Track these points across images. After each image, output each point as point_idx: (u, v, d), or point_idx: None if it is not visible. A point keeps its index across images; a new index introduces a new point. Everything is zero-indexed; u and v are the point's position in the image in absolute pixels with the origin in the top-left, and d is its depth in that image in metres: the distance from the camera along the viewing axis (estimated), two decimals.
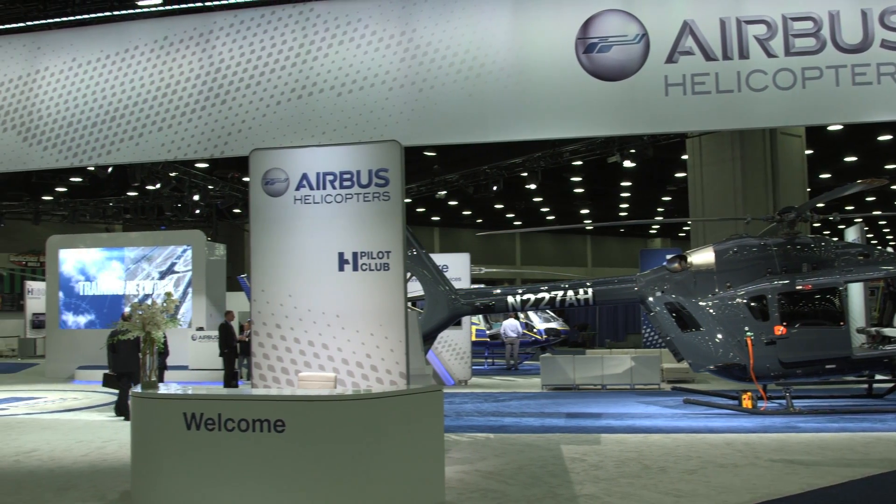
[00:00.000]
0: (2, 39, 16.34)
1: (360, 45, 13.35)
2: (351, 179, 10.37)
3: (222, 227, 43.32)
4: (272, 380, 10.42)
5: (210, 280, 25.74)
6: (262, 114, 13.78)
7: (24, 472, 10.85)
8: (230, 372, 20.47)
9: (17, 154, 15.52)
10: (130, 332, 9.83)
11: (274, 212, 10.62)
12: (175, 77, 14.62)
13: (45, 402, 19.14)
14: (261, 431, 8.29)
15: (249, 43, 14.16)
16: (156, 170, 30.22)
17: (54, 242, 27.47)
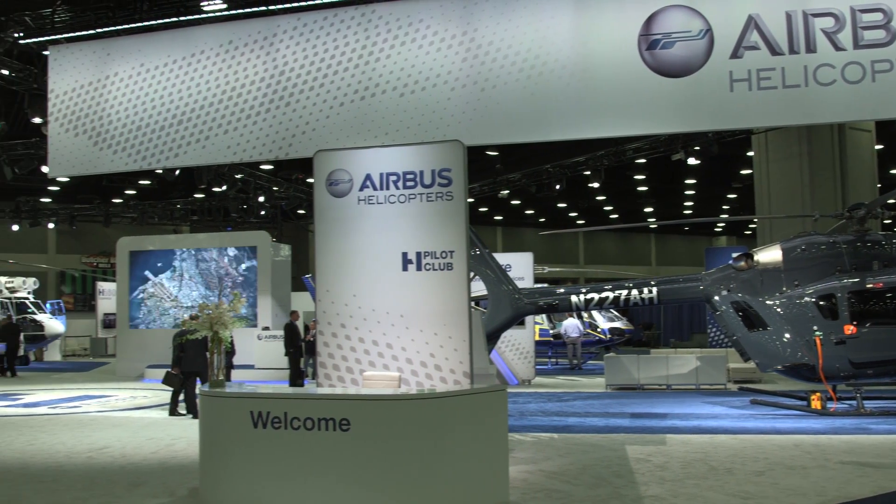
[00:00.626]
0: (73, 47, 16.71)
1: (422, 45, 13.39)
2: (414, 180, 10.40)
3: (287, 227, 43.78)
4: (337, 379, 10.50)
5: (275, 280, 26.04)
6: (325, 115, 13.90)
7: (96, 469, 11.08)
8: (295, 371, 20.69)
9: (88, 158, 15.87)
10: (198, 331, 9.99)
11: (338, 212, 10.69)
12: (240, 80, 14.81)
13: (115, 400, 19.54)
14: (326, 430, 8.36)
15: (312, 45, 14.29)
16: (222, 172, 30.67)
17: (124, 244, 28.02)
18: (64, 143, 16.20)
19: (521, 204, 48.29)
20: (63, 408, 18.22)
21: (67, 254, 47.12)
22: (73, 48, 16.80)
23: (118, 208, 42.15)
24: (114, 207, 42.02)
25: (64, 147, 16.22)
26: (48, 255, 46.55)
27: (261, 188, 35.34)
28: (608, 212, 53.36)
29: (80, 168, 16.50)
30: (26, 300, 32.78)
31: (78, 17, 17.35)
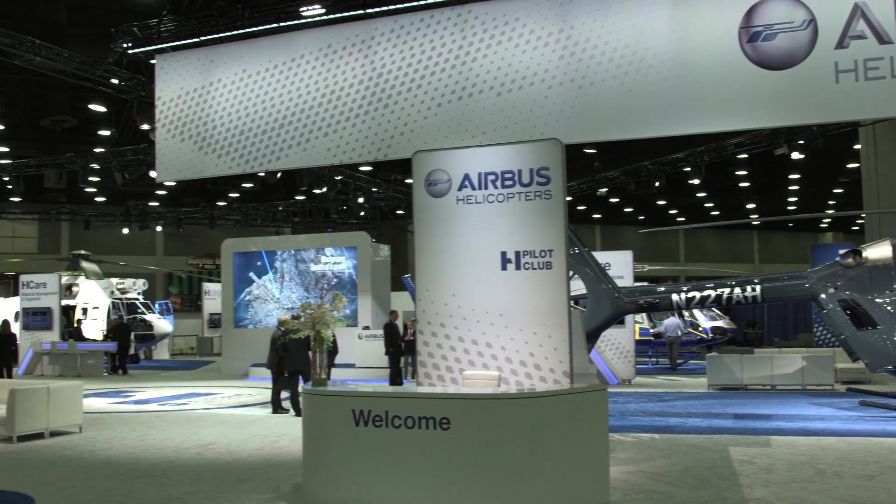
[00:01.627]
0: (179, 55, 17.20)
1: (519, 44, 13.38)
2: (512, 179, 10.38)
3: (386, 228, 44.24)
4: (437, 378, 10.56)
5: (375, 280, 26.31)
6: (423, 116, 14.01)
7: (203, 464, 11.37)
8: (395, 370, 20.89)
9: (194, 162, 16.32)
10: (301, 331, 10.16)
11: (437, 212, 10.75)
12: (339, 83, 15.03)
13: (221, 398, 20.00)
14: (426, 429, 8.41)
15: (410, 47, 14.41)
16: (322, 174, 31.17)
17: (228, 245, 28.67)
18: (171, 149, 16.69)
19: (620, 201, 47.81)
20: (171, 405, 18.73)
21: (174, 256, 48.51)
22: (178, 56, 17.30)
23: (222, 211, 43.23)
24: (218, 210, 43.12)
25: (171, 152, 16.71)
26: (156, 258, 48.01)
27: (360, 189, 35.78)
28: (709, 208, 52.40)
29: (186, 172, 16.98)
30: (136, 301, 33.83)
31: (183, 27, 17.84)
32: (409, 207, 36.45)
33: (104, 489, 9.79)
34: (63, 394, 14.18)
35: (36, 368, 28.46)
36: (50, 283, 30.33)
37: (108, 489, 9.78)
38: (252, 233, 38.09)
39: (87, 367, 27.75)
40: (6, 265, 43.58)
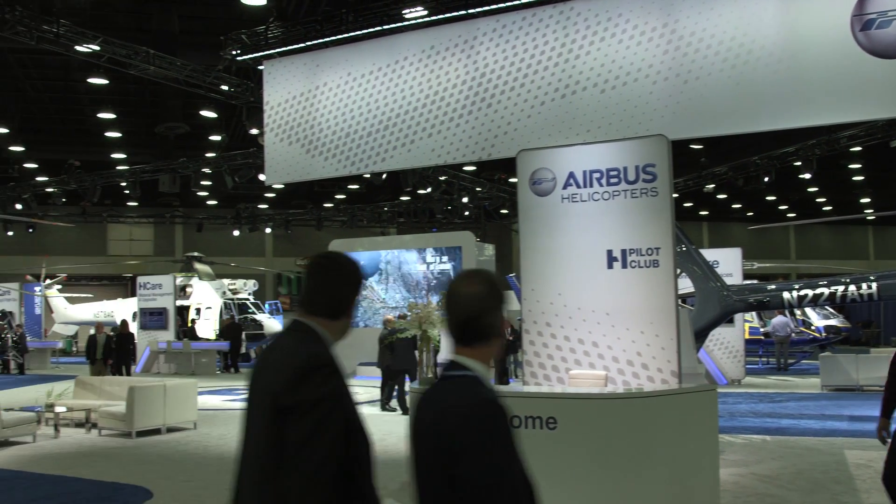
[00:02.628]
0: (285, 60, 17.58)
1: (622, 39, 13.24)
2: (618, 176, 10.28)
3: (490, 227, 44.30)
4: (542, 377, 10.54)
5: None
6: (526, 115, 14.00)
7: None
8: (501, 369, 20.91)
9: (301, 165, 16.65)
10: (408, 330, 10.27)
11: (541, 211, 10.72)
12: (442, 84, 15.13)
13: None
14: (533, 428, 8.41)
15: (512, 46, 14.41)
16: (427, 174, 31.39)
17: (335, 246, 29.12)
18: (279, 152, 17.07)
19: (728, 198, 46.81)
20: None
21: (283, 257, 49.51)
22: (285, 62, 17.67)
23: (329, 212, 43.96)
24: (325, 212, 43.86)
25: (279, 155, 17.09)
26: (266, 259, 49.10)
27: (464, 189, 35.91)
28: (821, 203, 50.90)
29: (294, 175, 17.35)
30: (247, 301, 34.65)
31: (289, 32, 18.20)
32: (513, 206, 36.43)
33: (218, 483, 10.06)
34: (179, 391, 14.65)
35: (153, 367, 29.42)
36: (165, 284, 31.33)
37: (221, 483, 10.05)
38: (358, 234, 38.62)
39: (201, 366, 28.56)
40: (124, 267, 45.25)
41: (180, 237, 48.74)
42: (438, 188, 34.62)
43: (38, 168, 38.30)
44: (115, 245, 48.26)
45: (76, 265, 41.80)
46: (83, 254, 45.88)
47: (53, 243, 45.20)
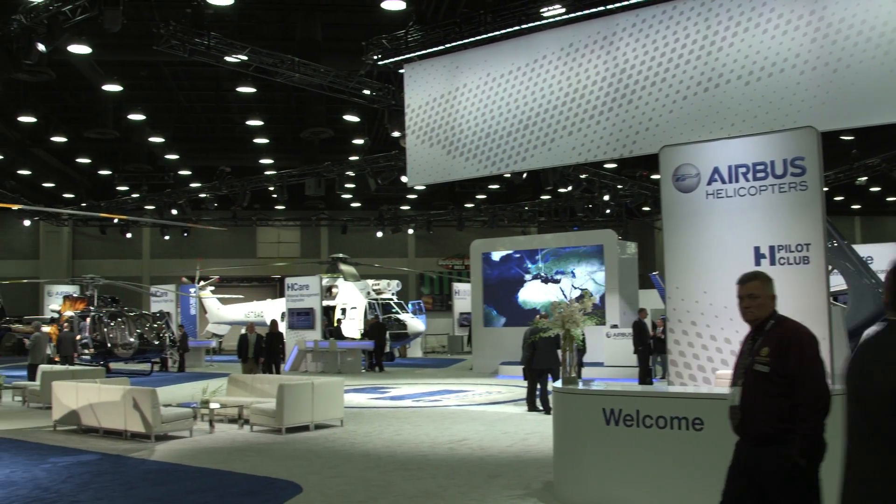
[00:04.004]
0: (425, 63, 17.78)
1: (767, 29, 12.84)
2: (765, 170, 9.95)
3: (632, 225, 43.69)
4: (688, 378, 10.32)
5: (622, 278, 26.02)
6: (668, 110, 13.75)
7: (457, 459, 11.65)
8: (644, 369, 20.57)
9: (442, 166, 16.81)
10: (551, 329, 10.21)
11: (686, 208, 10.48)
12: (582, 81, 15.02)
13: (472, 395, 20.41)
14: (678, 429, 8.23)
15: (652, 41, 14.18)
16: (567, 173, 31.18)
17: (477, 246, 29.25)
18: (420, 154, 17.28)
19: (882, 190, 44.72)
20: (425, 401, 19.32)
21: (425, 257, 50.08)
22: (425, 64, 17.88)
23: (470, 212, 44.21)
24: (466, 212, 44.14)
25: (420, 157, 17.30)
26: (408, 259, 49.76)
27: (605, 187, 35.53)
28: None
29: (435, 176, 17.54)
30: (391, 301, 35.17)
31: (428, 35, 18.39)
32: (655, 204, 35.85)
33: (365, 479, 10.25)
34: (326, 389, 14.99)
35: (300, 365, 30.21)
36: (312, 285, 32.14)
37: (368, 480, 10.24)
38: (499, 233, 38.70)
39: (347, 365, 29.15)
40: (272, 269, 46.67)
41: (326, 239, 49.95)
42: (579, 186, 34.35)
43: (191, 175, 40.02)
44: (263, 247, 49.89)
45: (228, 267, 43.37)
46: (234, 256, 47.61)
47: (206, 246, 47.06)
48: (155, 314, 30.96)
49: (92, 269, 39.83)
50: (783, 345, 5.02)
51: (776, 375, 4.99)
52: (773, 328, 5.17)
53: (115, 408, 13.60)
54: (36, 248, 48.35)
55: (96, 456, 11.99)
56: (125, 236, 46.39)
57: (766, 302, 5.29)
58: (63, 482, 10.17)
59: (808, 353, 4.94)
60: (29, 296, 42.38)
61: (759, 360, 5.07)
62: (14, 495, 9.45)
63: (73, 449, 12.64)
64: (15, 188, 38.73)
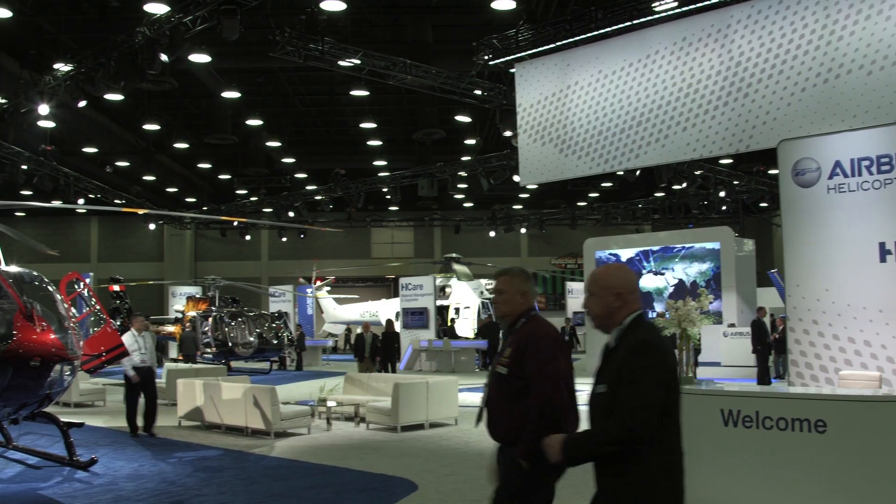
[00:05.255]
0: (536, 62, 17.75)
1: (890, 17, 12.38)
2: (889, 163, 9.61)
3: (749, 221, 42.64)
4: (810, 378, 10.04)
5: (739, 276, 25.42)
6: (786, 103, 13.39)
7: None
8: (763, 369, 20.08)
9: (555, 165, 16.76)
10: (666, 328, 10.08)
11: (806, 203, 10.20)
12: (696, 76, 14.76)
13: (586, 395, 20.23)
14: (800, 431, 8.00)
15: (769, 32, 13.84)
16: (681, 169, 30.67)
17: (590, 245, 29.03)
18: (532, 153, 17.26)
19: None
20: None
21: (538, 256, 49.96)
22: (536, 63, 17.85)
23: (583, 211, 43.91)
24: (578, 210, 43.86)
25: (532, 156, 17.28)
26: (521, 258, 49.72)
27: (721, 183, 34.79)
28: None
29: (547, 175, 17.48)
30: None
31: (539, 34, 18.33)
32: (773, 199, 34.92)
33: (479, 478, 10.28)
34: (440, 388, 15.11)
35: (415, 364, 30.50)
36: (426, 284, 32.43)
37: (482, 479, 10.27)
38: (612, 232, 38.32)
39: (461, 364, 29.30)
40: (387, 269, 47.27)
41: (439, 239, 50.33)
42: (694, 183, 33.70)
43: (307, 178, 40.87)
44: (378, 248, 50.58)
45: (343, 268, 44.11)
46: (349, 257, 48.41)
47: (322, 248, 48.01)
48: (273, 314, 31.69)
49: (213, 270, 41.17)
50: (521, 346, 4.77)
51: (513, 377, 4.77)
52: (521, 328, 4.88)
53: (236, 405, 14.01)
54: (161, 251, 50.19)
55: (219, 451, 12.38)
56: (244, 238, 47.71)
57: (513, 298, 4.95)
58: (188, 476, 10.53)
59: (544, 355, 4.64)
60: (154, 297, 43.97)
61: (500, 361, 4.86)
62: (142, 488, 9.84)
63: (197, 444, 13.08)
64: (141, 193, 40.26)
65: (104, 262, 48.83)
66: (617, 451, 3.75)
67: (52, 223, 49.14)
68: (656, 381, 3.74)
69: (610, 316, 3.91)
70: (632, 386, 3.71)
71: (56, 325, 10.16)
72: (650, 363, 3.75)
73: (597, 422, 3.86)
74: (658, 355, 3.78)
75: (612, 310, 3.89)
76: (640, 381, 3.71)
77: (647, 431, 3.71)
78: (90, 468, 10.87)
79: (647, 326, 3.92)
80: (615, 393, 3.75)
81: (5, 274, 10.41)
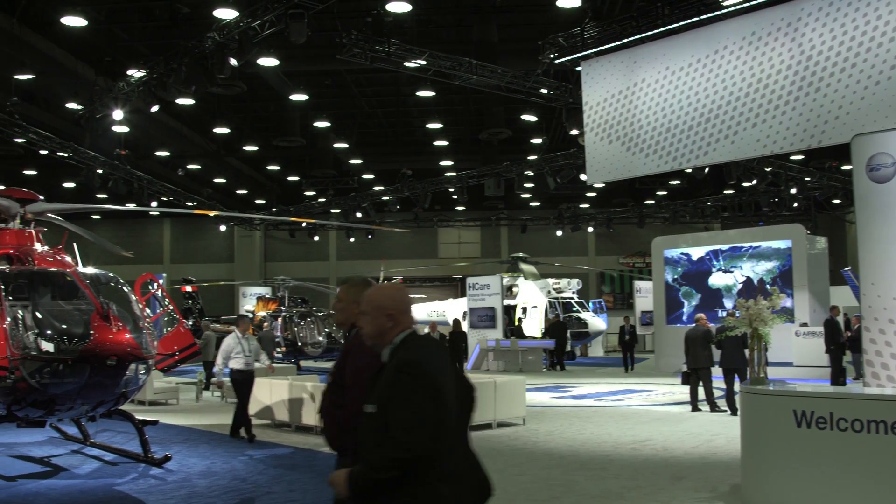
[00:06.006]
0: (602, 59, 17.64)
1: None
2: None
3: (822, 218, 41.80)
4: (885, 379, 9.81)
5: (812, 274, 24.94)
6: (859, 97, 13.11)
7: (640, 460, 11.50)
8: (837, 369, 19.66)
9: (622, 163, 16.63)
10: (737, 328, 9.94)
11: (881, 199, 9.97)
12: (765, 71, 14.54)
13: (655, 395, 20.07)
14: (876, 433, 7.82)
15: (841, 25, 13.56)
16: (751, 166, 30.21)
17: (658, 243, 28.73)
18: (599, 151, 17.15)
19: None
20: (607, 400, 19.15)
21: (605, 255, 49.61)
22: (602, 61, 17.74)
23: (650, 209, 43.50)
24: (646, 209, 43.47)
25: (599, 154, 17.17)
26: (588, 258, 49.43)
27: (792, 179, 34.19)
28: None
29: (615, 173, 17.36)
30: (571, 300, 35.00)
31: (605, 31, 18.20)
32: (847, 196, 34.20)
33: (547, 479, 10.28)
34: (508, 388, 15.10)
35: (482, 364, 30.48)
36: (493, 284, 32.40)
37: (551, 479, 10.26)
38: (681, 230, 37.89)
39: (528, 363, 29.22)
40: (453, 269, 47.38)
41: (505, 239, 50.26)
42: (764, 180, 33.17)
43: (374, 178, 41.16)
44: (445, 248, 50.70)
45: (410, 268, 44.32)
46: (416, 257, 48.63)
47: (389, 248, 48.30)
48: None
49: (282, 271, 41.71)
50: (344, 354, 4.82)
51: (335, 385, 4.78)
52: (352, 336, 4.87)
53: (306, 404, 14.17)
54: (231, 252, 50.98)
55: (289, 450, 12.55)
56: (313, 239, 48.23)
57: (349, 307, 4.93)
58: (259, 474, 10.70)
59: (360, 364, 4.53)
60: (225, 297, 44.68)
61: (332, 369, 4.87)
62: (215, 485, 10.02)
63: (267, 443, 13.27)
64: (211, 196, 40.97)
65: (176, 264, 49.80)
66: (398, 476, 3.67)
67: (126, 226, 50.30)
68: (424, 398, 3.72)
69: (382, 335, 3.99)
70: (402, 405, 3.72)
71: (131, 325, 10.41)
72: (415, 382, 3.75)
73: (367, 443, 3.81)
74: (422, 373, 3.79)
75: (385, 329, 3.98)
76: (409, 400, 3.71)
77: (425, 450, 3.68)
78: (164, 465, 11.11)
79: (415, 345, 3.97)
80: (384, 414, 3.73)
81: (82, 275, 10.69)
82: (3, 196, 11.95)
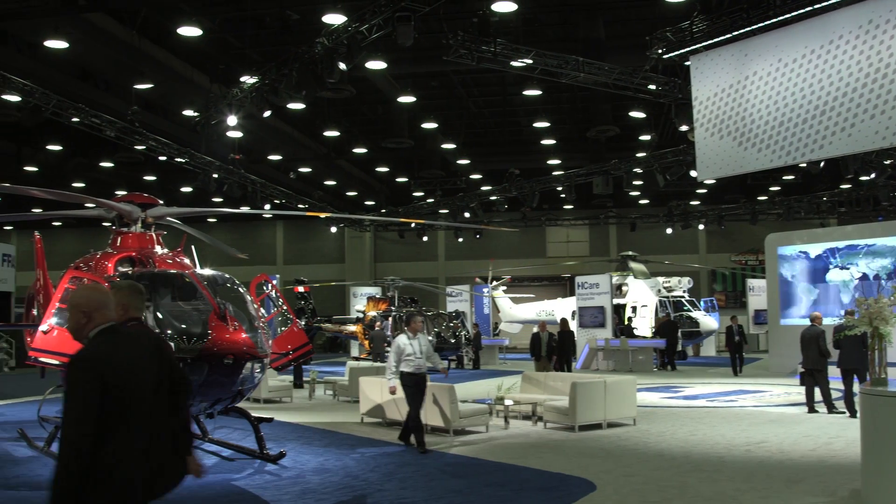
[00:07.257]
0: (712, 53, 17.33)
1: None
2: None
3: None
4: None
5: None
6: None
7: (754, 462, 11.27)
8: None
9: (733, 158, 16.31)
10: (857, 327, 9.64)
11: None
12: (884, 60, 14.08)
13: (770, 396, 19.62)
14: None
15: None
16: (869, 159, 29.23)
17: (772, 240, 28.07)
18: (710, 147, 16.87)
19: None
20: (720, 401, 18.81)
21: (717, 253, 48.63)
22: (711, 55, 17.43)
23: (763, 205, 42.45)
24: (759, 205, 42.43)
25: (710, 150, 16.88)
26: (699, 255, 48.52)
27: None
28: None
29: (726, 169, 17.04)
30: (682, 298, 34.50)
31: (714, 24, 17.87)
32: None
33: (659, 480, 10.17)
34: (618, 388, 14.99)
35: (591, 363, 30.31)
36: (602, 283, 32.15)
37: (662, 480, 10.15)
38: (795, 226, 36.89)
39: (638, 363, 28.94)
40: (562, 268, 47.18)
41: (614, 237, 49.75)
42: (883, 173, 32.02)
43: (482, 178, 41.26)
44: (553, 247, 50.47)
45: (518, 267, 44.29)
46: (524, 256, 48.55)
47: (498, 247, 48.35)
48: (451, 313, 32.16)
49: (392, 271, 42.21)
50: None
51: None
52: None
53: None
54: (342, 253, 51.81)
55: (400, 448, 12.71)
56: (422, 239, 48.61)
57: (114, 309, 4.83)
58: (370, 471, 10.88)
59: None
60: (336, 297, 45.42)
61: None
62: (328, 481, 10.23)
63: (378, 441, 13.47)
64: (322, 198, 41.73)
65: (289, 265, 50.92)
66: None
67: (240, 228, 51.69)
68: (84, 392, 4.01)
69: (79, 330, 4.39)
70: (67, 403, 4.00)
71: (247, 325, 10.72)
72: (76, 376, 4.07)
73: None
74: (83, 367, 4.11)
75: (81, 325, 4.38)
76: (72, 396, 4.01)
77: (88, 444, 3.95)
78: (279, 461, 11.40)
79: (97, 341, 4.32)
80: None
81: (200, 277, 11.06)
82: (125, 201, 12.48)
